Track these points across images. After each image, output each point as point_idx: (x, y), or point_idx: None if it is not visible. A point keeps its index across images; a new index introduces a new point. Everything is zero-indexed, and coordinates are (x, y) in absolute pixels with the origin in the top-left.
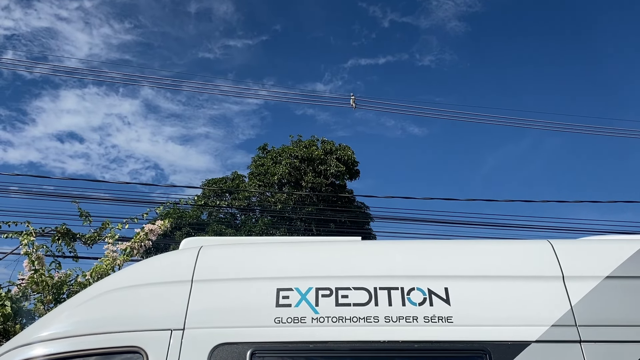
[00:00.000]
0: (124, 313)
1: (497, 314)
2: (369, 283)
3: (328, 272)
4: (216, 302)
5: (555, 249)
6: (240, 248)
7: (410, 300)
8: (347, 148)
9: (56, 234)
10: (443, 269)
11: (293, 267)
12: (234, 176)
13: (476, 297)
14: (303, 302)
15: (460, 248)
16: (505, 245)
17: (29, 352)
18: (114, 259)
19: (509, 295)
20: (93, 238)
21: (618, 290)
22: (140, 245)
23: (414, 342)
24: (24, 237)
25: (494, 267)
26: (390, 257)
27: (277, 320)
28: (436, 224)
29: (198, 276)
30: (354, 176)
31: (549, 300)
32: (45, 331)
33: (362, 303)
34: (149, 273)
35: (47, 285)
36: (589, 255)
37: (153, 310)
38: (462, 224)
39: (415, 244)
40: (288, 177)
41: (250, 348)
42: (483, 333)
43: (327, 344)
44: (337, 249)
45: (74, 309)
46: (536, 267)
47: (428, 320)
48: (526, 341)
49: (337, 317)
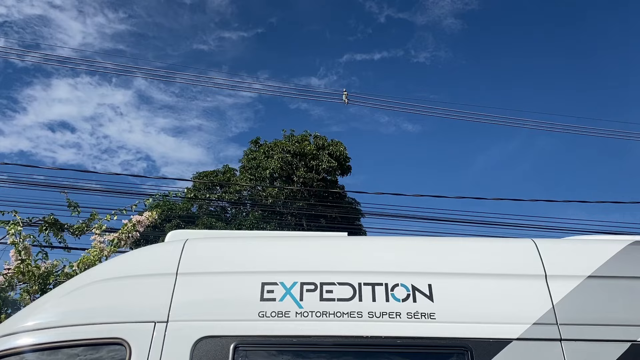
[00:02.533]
0: (108, 304)
1: (479, 311)
2: (353, 278)
3: (313, 267)
4: (200, 295)
5: (539, 247)
6: (225, 242)
7: (394, 296)
8: (339, 144)
9: (43, 224)
10: (427, 266)
11: (278, 261)
12: (225, 169)
13: (459, 294)
14: (287, 297)
15: (445, 245)
16: (489, 243)
17: (12, 342)
18: (101, 250)
19: (491, 292)
20: (81, 229)
21: (600, 290)
22: (128, 237)
23: (397, 338)
24: (11, 227)
25: (477, 265)
26: (375, 253)
27: (261, 314)
28: (426, 220)
29: (183, 269)
30: (345, 172)
31: (531, 298)
32: (30, 321)
33: (347, 298)
34: (133, 265)
35: (33, 276)
36: (572, 254)
37: (137, 302)
38: (452, 222)
39: (401, 240)
40: (280, 171)
41: (234, 341)
42: (465, 330)
43: (311, 338)
44: (323, 244)
45: (58, 299)
46: (519, 266)
47: (411, 316)
48: (507, 339)
49: (321, 312)
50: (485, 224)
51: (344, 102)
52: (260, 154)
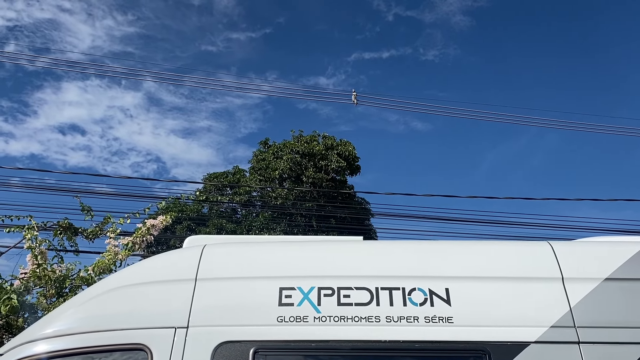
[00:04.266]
0: (128, 311)
1: (497, 314)
2: (370, 283)
3: (330, 271)
4: (219, 301)
5: (555, 250)
6: (243, 247)
7: (412, 301)
8: (348, 143)
9: (58, 228)
10: (444, 270)
11: (296, 266)
12: (235, 170)
13: (477, 297)
14: (305, 302)
15: (462, 249)
16: (506, 246)
17: (33, 349)
18: (116, 253)
19: (509, 296)
20: (95, 232)
21: (617, 292)
22: (142, 240)
23: (415, 342)
24: (28, 232)
25: (494, 268)
26: (391, 257)
27: (280, 319)
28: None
29: (202, 274)
30: (354, 172)
31: (548, 301)
32: (50, 328)
33: (364, 303)
34: (153, 271)
35: (49, 280)
36: (589, 257)
37: (157, 308)
38: (463, 221)
39: (417, 244)
40: (289, 172)
41: (253, 346)
42: (483, 333)
43: (329, 343)
44: (339, 248)
45: (78, 306)
46: (536, 269)
47: (429, 320)
48: (525, 342)
49: (339, 317)
50: (497, 223)
51: (352, 103)
52: (269, 154)
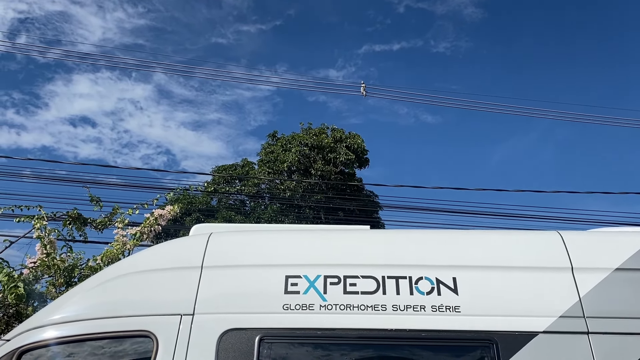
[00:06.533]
0: (134, 298)
1: (504, 304)
2: (377, 272)
3: (336, 260)
4: (225, 288)
5: (565, 240)
6: (249, 235)
7: (418, 290)
8: (356, 136)
9: (67, 218)
10: (451, 259)
11: (302, 254)
12: (244, 163)
13: (484, 287)
14: (311, 290)
15: (469, 238)
16: (515, 235)
17: (41, 335)
18: (124, 243)
19: (517, 285)
20: (104, 223)
21: (627, 283)
22: (150, 230)
23: (422, 331)
24: (37, 222)
25: (502, 258)
26: (398, 246)
27: (286, 307)
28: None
29: (208, 262)
30: (363, 164)
31: (557, 291)
32: (57, 314)
33: (370, 291)
34: (159, 258)
35: (58, 269)
36: (598, 247)
37: (163, 295)
38: (472, 214)
39: (424, 233)
40: (297, 164)
41: (259, 334)
42: (490, 323)
43: (335, 331)
44: (346, 237)
45: (85, 292)
46: (545, 258)
47: (436, 309)
48: (534, 332)
49: (345, 305)
50: (506, 216)
51: (362, 95)
52: (278, 147)
